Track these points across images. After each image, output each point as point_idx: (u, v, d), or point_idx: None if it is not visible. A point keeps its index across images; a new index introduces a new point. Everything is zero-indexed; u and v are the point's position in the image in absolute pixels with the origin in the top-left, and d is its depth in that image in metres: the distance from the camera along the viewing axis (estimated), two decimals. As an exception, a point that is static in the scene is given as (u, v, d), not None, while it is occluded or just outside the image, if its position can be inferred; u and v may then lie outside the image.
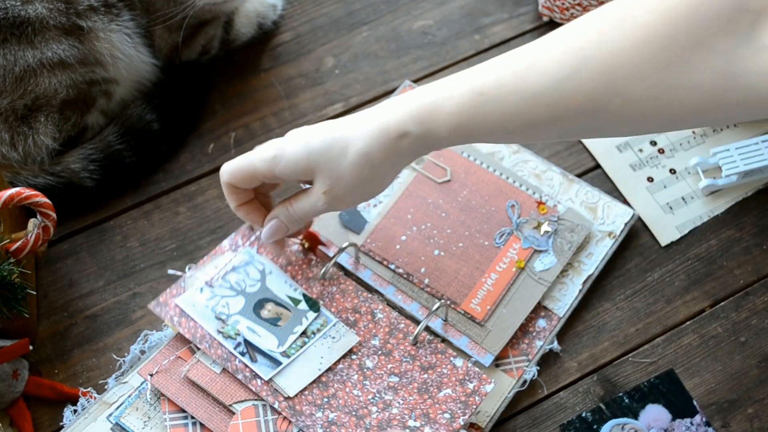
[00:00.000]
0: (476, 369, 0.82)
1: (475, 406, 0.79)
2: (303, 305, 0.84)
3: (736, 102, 0.65)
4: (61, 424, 0.82)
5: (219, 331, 0.82)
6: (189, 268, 0.86)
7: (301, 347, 0.82)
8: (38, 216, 0.83)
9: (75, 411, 0.83)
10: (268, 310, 0.84)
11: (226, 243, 0.89)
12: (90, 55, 0.92)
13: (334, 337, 0.83)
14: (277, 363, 0.81)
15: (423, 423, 0.78)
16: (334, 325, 0.83)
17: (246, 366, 0.80)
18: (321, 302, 0.85)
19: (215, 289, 0.84)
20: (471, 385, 0.81)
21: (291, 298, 0.84)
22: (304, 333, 0.83)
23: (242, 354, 0.80)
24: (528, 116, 0.69)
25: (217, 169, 0.98)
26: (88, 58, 0.92)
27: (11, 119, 0.91)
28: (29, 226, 0.82)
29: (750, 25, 0.62)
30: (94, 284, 0.92)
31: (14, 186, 0.86)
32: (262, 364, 0.80)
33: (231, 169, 0.80)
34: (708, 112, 0.66)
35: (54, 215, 0.83)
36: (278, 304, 0.84)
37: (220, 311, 0.83)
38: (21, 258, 0.81)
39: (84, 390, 0.84)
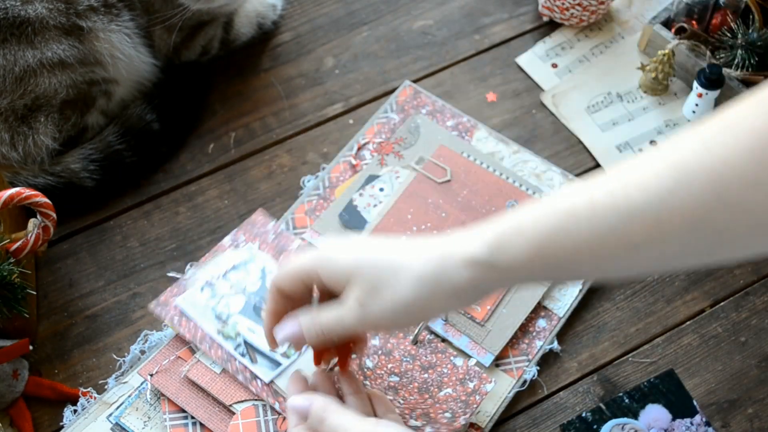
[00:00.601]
0: (476, 368, 0.82)
1: (475, 405, 0.79)
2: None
3: None
4: (61, 424, 0.82)
5: (219, 332, 0.81)
6: (190, 266, 0.86)
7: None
8: (38, 216, 0.82)
9: (75, 411, 0.82)
10: None
11: (227, 240, 0.89)
12: (90, 55, 0.92)
13: None
14: (277, 364, 0.80)
15: (424, 423, 0.78)
16: None
17: (246, 367, 0.80)
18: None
19: (216, 288, 0.84)
20: (471, 385, 0.81)
21: None
22: None
23: (242, 355, 0.80)
24: (624, 237, 0.61)
25: (217, 169, 0.99)
26: (87, 58, 0.92)
27: (11, 119, 0.91)
28: (29, 226, 0.82)
29: None
30: (94, 284, 0.92)
31: (14, 186, 0.86)
32: (262, 365, 0.80)
33: (281, 273, 0.72)
34: None
35: (54, 215, 0.83)
36: None
37: (221, 311, 0.83)
38: (21, 258, 0.81)
39: (84, 390, 0.84)
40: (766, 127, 0.58)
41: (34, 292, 0.88)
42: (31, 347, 0.83)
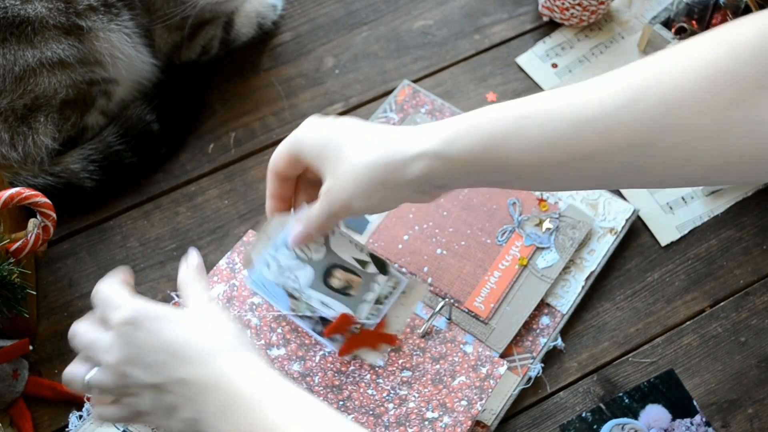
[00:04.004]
0: (487, 353, 0.82)
1: (491, 390, 0.79)
2: (372, 268, 0.78)
3: None
4: (62, 424, 0.82)
5: (293, 310, 0.77)
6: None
7: (376, 314, 0.77)
8: (38, 216, 0.82)
9: (80, 417, 0.82)
10: (338, 279, 0.78)
11: (222, 263, 0.88)
12: (90, 54, 0.92)
13: (404, 293, 0.79)
14: None
15: (441, 413, 0.78)
16: (406, 283, 0.79)
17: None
18: (389, 261, 0.80)
19: (281, 261, 0.78)
20: (484, 370, 0.81)
21: (358, 261, 0.79)
22: (377, 300, 0.78)
23: (320, 334, 0.76)
24: (573, 145, 0.64)
25: (217, 169, 0.98)
26: (87, 58, 0.92)
27: (11, 119, 0.91)
28: (29, 226, 0.82)
29: None
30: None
31: (14, 186, 0.85)
32: (338, 341, 0.77)
33: (273, 157, 0.78)
34: None
35: (54, 215, 0.82)
36: (347, 269, 0.79)
37: (291, 285, 0.78)
38: (21, 258, 0.81)
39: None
40: (721, 58, 0.60)
41: (34, 292, 0.88)
42: (31, 347, 0.83)
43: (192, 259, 0.73)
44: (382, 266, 0.79)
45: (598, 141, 0.63)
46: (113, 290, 0.70)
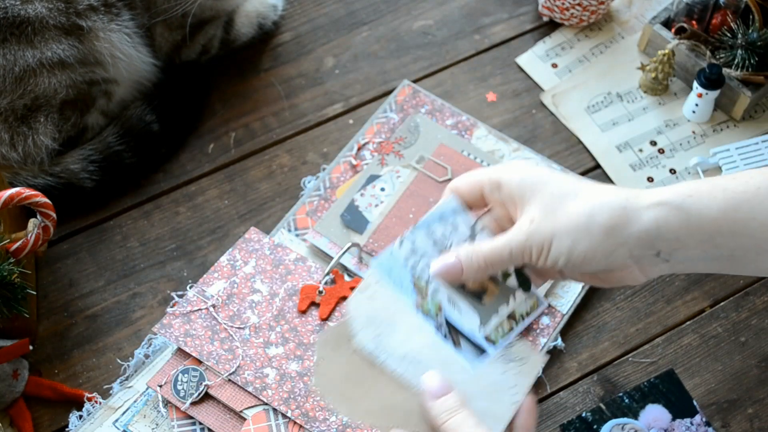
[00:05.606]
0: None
1: None
2: (512, 281, 0.69)
3: None
4: (62, 424, 0.82)
5: (417, 307, 0.68)
6: (190, 288, 0.86)
7: (507, 333, 0.68)
8: (38, 216, 0.82)
9: (80, 417, 0.82)
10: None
11: (223, 259, 0.88)
12: (90, 55, 0.92)
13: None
14: (481, 351, 0.68)
15: None
16: (545, 307, 0.71)
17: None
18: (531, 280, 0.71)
19: (416, 242, 0.69)
20: None
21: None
22: (511, 316, 0.69)
23: (444, 337, 0.67)
24: None
25: (217, 169, 0.98)
26: (87, 58, 0.92)
27: (11, 119, 0.91)
28: (29, 226, 0.82)
29: None
30: (94, 284, 0.92)
31: (14, 186, 0.85)
32: (465, 351, 0.68)
33: (463, 176, 0.69)
34: None
35: (54, 215, 0.83)
36: None
37: (420, 274, 0.68)
38: (21, 258, 0.81)
39: (89, 395, 0.83)
40: None
41: (34, 292, 0.88)
42: (31, 347, 0.83)
43: (431, 384, 0.66)
44: (524, 282, 0.70)
45: None
46: None
